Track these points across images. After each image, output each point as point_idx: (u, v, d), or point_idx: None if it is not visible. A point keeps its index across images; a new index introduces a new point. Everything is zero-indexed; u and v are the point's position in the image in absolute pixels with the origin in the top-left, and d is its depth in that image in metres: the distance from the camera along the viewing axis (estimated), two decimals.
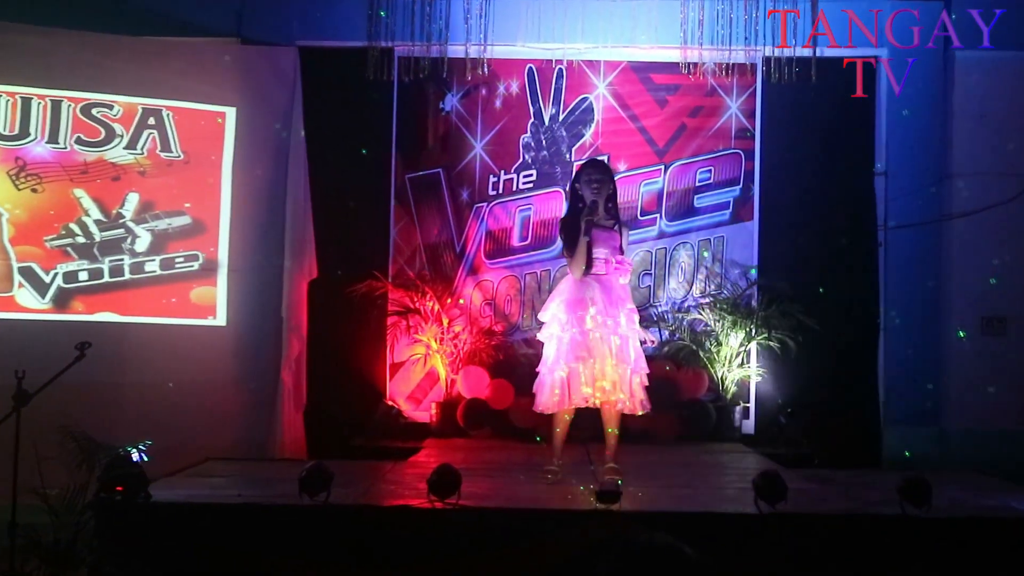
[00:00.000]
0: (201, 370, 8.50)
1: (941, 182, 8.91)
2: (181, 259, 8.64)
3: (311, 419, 8.84)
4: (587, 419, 6.42)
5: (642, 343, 6.42)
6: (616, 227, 6.37)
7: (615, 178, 6.58)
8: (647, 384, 6.31)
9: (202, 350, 8.58)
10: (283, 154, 8.87)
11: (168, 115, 8.64)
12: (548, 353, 6.30)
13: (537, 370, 6.39)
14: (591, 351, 6.11)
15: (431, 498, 5.28)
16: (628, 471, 6.43)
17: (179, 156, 8.68)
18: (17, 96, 8.31)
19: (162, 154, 8.63)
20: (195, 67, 8.72)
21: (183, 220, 8.68)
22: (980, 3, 8.56)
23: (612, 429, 6.22)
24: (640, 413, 6.26)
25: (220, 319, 8.72)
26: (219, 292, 8.74)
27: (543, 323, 6.43)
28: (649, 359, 8.36)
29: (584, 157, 9.24)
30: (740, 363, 8.99)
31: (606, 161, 8.42)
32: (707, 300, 9.19)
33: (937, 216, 8.89)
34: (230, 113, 8.77)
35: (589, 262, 6.21)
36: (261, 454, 8.49)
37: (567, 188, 6.58)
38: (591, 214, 6.20)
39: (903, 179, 8.94)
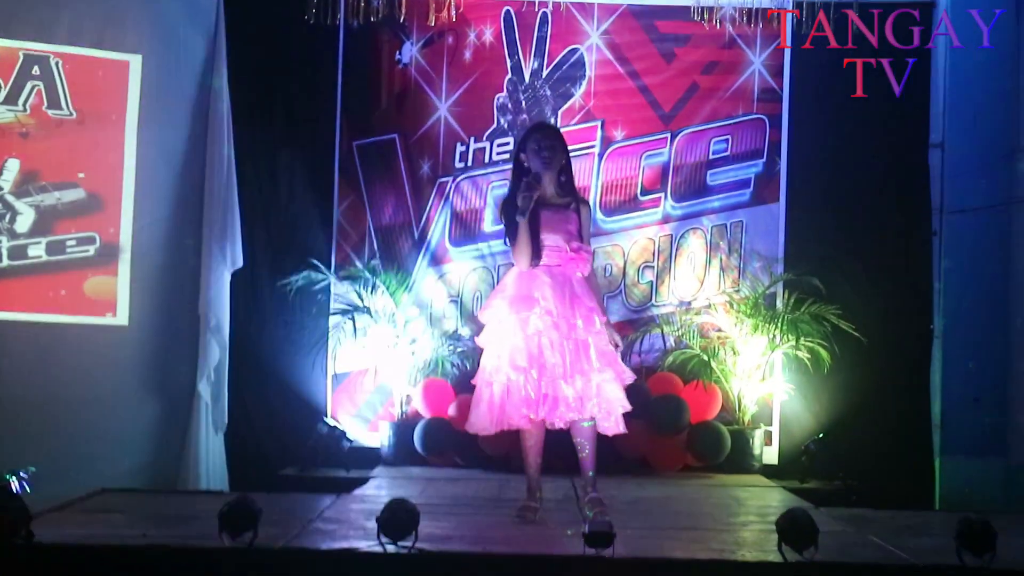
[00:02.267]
0: (97, 380, 8.46)
1: (1011, 157, 8.89)
2: (73, 242, 8.58)
3: (234, 442, 8.87)
4: (570, 445, 6.38)
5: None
6: (573, 207, 6.36)
7: (569, 148, 6.54)
8: (623, 396, 6.31)
9: (98, 355, 8.54)
10: (201, 114, 8.86)
11: (57, 63, 8.57)
12: (486, 361, 6.33)
13: (473, 382, 6.43)
14: (534, 360, 6.13)
15: (381, 540, 5.23)
16: (624, 509, 6.42)
17: (71, 114, 8.61)
18: None
19: (50, 111, 8.57)
20: (91, 4, 8.67)
21: (76, 193, 8.62)
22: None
23: (585, 452, 6.23)
24: (612, 434, 6.32)
25: (121, 317, 8.67)
26: (120, 284, 8.68)
27: (483, 325, 6.45)
28: (649, 370, 8.72)
29: (574, 122, 9.34)
30: (761, 377, 9.02)
31: (556, 124, 8.52)
32: (722, 299, 9.23)
33: (1006, 198, 8.89)
34: (135, 62, 8.71)
35: (537, 250, 6.20)
36: (171, 484, 8.47)
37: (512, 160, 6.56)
38: (531, 189, 6.14)
39: (965, 153, 8.97)
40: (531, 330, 6.13)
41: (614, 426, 6.29)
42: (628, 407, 6.31)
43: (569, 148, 6.47)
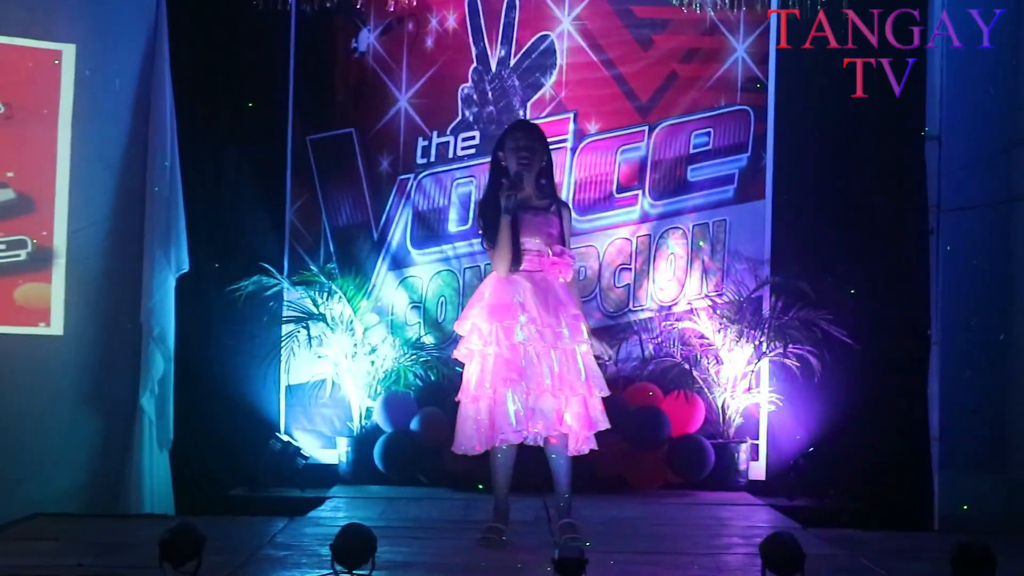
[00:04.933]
0: (29, 395, 8.42)
1: (1012, 150, 8.91)
2: (2, 246, 8.53)
3: (179, 460, 8.85)
4: (543, 461, 6.42)
5: (597, 360, 6.50)
6: (553, 209, 6.43)
7: (551, 146, 6.64)
8: (603, 412, 6.38)
9: (30, 368, 8.48)
10: (142, 107, 8.83)
11: None
12: (468, 376, 6.37)
13: (457, 399, 6.44)
14: (522, 372, 6.18)
15: (336, 569, 5.23)
16: (597, 529, 6.44)
17: None
18: None
19: None
20: None
21: (4, 194, 8.57)
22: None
23: (562, 472, 6.29)
24: (585, 451, 6.36)
25: (55, 326, 8.64)
26: (54, 290, 8.64)
27: (461, 337, 6.48)
28: (627, 380, 8.75)
29: (544, 114, 9.35)
30: (747, 387, 9.05)
31: (536, 123, 8.34)
32: (704, 304, 9.25)
33: (1006, 195, 8.92)
34: (68, 51, 8.66)
35: (517, 255, 6.27)
36: (111, 508, 8.46)
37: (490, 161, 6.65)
38: (514, 188, 6.25)
39: (962, 146, 8.93)
40: (517, 339, 6.18)
41: (587, 443, 6.32)
42: (607, 424, 6.38)
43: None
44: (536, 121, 8.66)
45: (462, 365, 6.49)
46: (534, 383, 6.16)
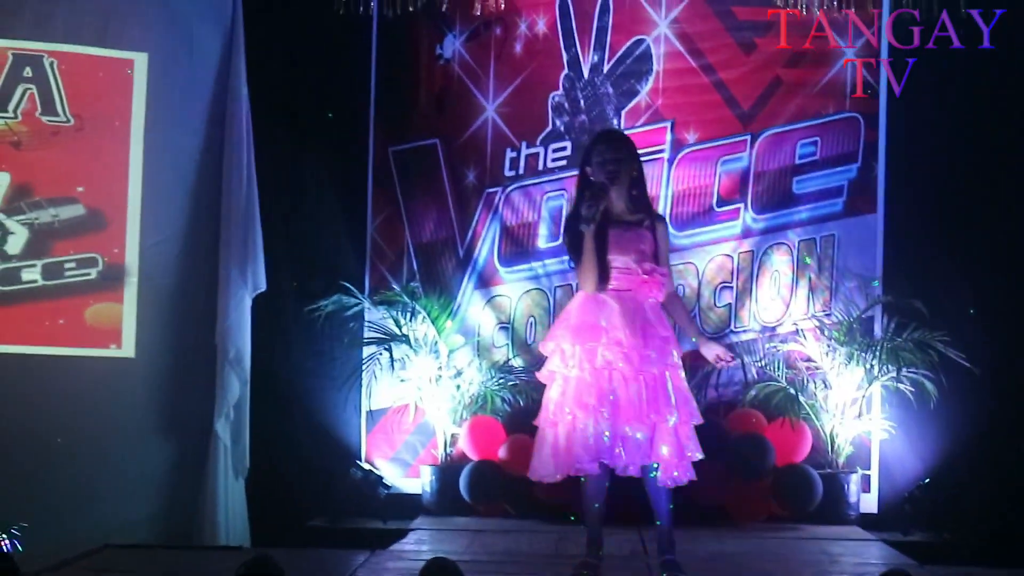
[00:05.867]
0: (100, 420, 8.46)
1: None
2: (72, 264, 8.61)
3: (256, 489, 8.87)
4: (640, 492, 6.25)
5: (721, 363, 6.43)
6: (646, 224, 6.28)
7: (641, 157, 6.49)
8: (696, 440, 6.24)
9: (101, 391, 8.55)
10: (217, 118, 8.86)
11: (52, 63, 8.61)
12: (548, 399, 6.24)
13: (535, 422, 6.32)
14: (603, 397, 6.04)
15: None
16: (700, 566, 6.34)
17: (68, 120, 8.64)
18: None
19: (44, 118, 8.61)
20: None
21: (74, 210, 8.64)
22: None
23: (661, 504, 6.16)
24: (683, 481, 6.19)
25: (127, 348, 8.69)
26: (126, 311, 8.70)
27: (545, 357, 6.36)
28: (728, 406, 9.01)
29: (640, 123, 9.29)
30: (858, 413, 8.92)
31: (622, 130, 8.55)
32: (811, 324, 9.14)
33: None
34: (141, 61, 8.73)
35: (604, 271, 6.12)
36: (185, 538, 8.46)
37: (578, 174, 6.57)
38: (597, 198, 6.06)
39: None
40: (600, 363, 6.05)
41: (684, 473, 6.15)
42: (700, 454, 6.21)
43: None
44: (632, 131, 8.79)
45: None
46: (617, 409, 6.03)
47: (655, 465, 6.06)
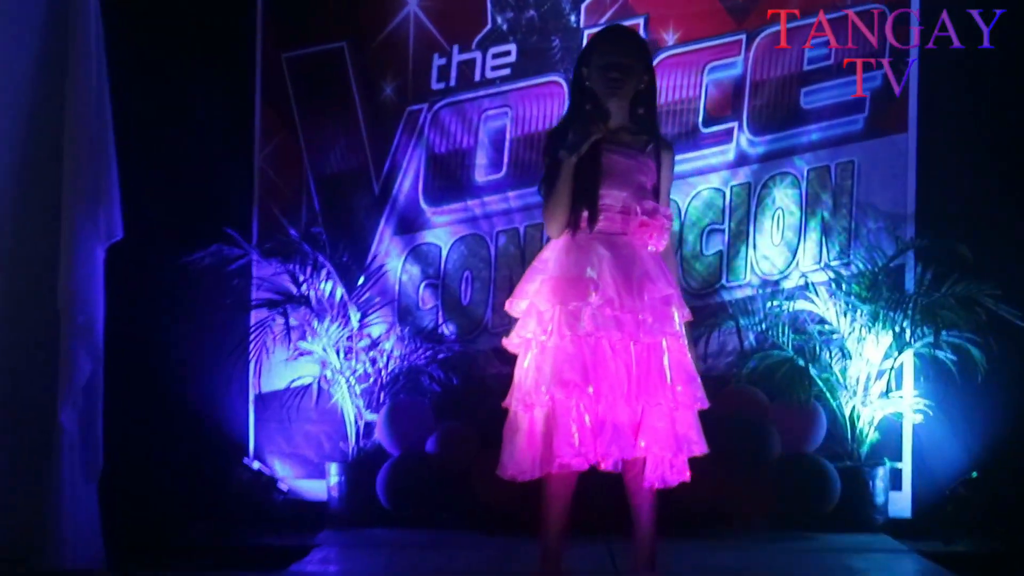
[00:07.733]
0: None
1: None
2: None
3: (113, 496, 8.04)
4: (611, 492, 5.92)
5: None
6: (650, 150, 5.88)
7: (653, 62, 6.15)
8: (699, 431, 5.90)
9: None
10: (57, 24, 8.16)
11: None
12: (521, 374, 5.84)
13: (505, 404, 5.88)
14: (587, 372, 5.58)
15: None
16: None
17: None
18: None
19: None
20: None
21: None
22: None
23: (643, 507, 5.78)
24: (674, 483, 5.85)
25: None
26: None
27: (515, 320, 5.95)
28: (720, 382, 8.57)
29: (603, 21, 8.71)
30: (885, 390, 8.33)
31: (637, 30, 8.26)
32: (825, 277, 8.57)
33: None
34: None
35: (593, 211, 5.70)
36: (21, 556, 7.83)
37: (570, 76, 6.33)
38: (589, 127, 5.67)
39: None
40: (584, 327, 5.67)
41: (677, 473, 5.79)
42: (704, 447, 5.81)
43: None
44: (592, 30, 8.37)
45: (513, 359, 5.97)
46: (604, 388, 5.58)
47: (636, 460, 5.73)
